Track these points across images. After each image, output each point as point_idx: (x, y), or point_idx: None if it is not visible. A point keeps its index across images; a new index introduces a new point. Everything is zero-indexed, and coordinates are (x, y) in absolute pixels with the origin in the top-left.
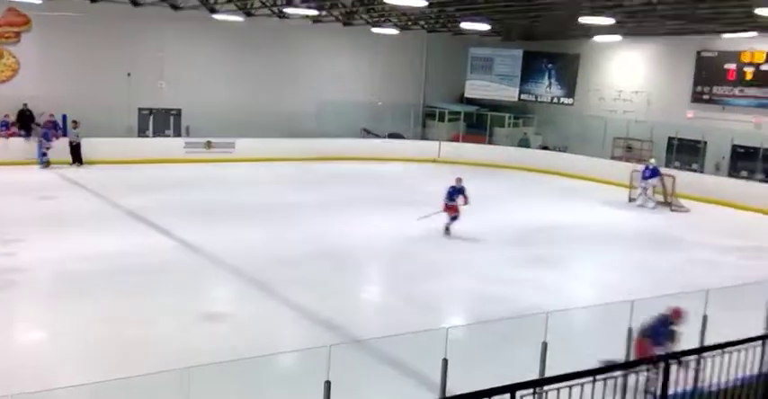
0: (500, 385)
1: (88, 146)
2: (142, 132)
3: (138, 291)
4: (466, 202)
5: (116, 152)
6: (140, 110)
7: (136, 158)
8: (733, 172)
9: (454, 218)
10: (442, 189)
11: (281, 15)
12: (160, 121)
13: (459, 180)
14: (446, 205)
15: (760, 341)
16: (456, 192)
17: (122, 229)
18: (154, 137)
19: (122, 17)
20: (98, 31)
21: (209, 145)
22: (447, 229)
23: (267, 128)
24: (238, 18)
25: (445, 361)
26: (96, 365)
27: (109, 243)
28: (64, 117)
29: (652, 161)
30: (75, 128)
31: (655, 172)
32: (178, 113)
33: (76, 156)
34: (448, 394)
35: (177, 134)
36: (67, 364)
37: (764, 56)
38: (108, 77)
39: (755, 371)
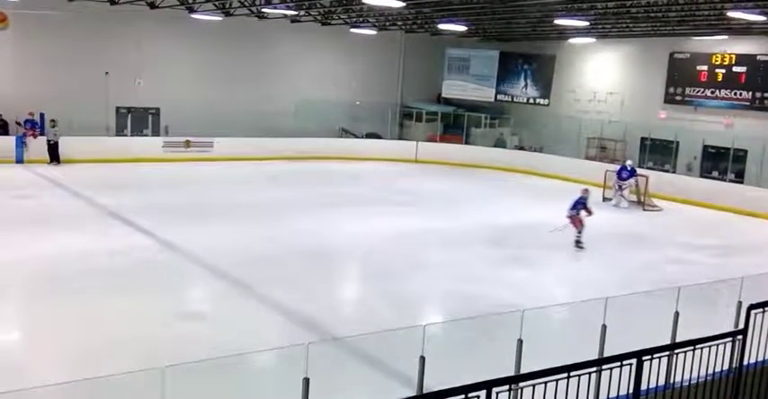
0: (476, 381)
1: (66, 145)
2: (120, 131)
3: (117, 290)
4: (589, 213)
5: (94, 151)
6: (118, 108)
7: (114, 157)
8: (704, 172)
9: (579, 230)
10: (421, 188)
11: (260, 15)
12: (138, 120)
13: (585, 191)
14: (570, 217)
15: (730, 338)
16: (578, 203)
17: (101, 228)
18: (132, 136)
19: (100, 15)
20: (76, 29)
21: (187, 144)
22: (577, 243)
23: (246, 128)
24: (217, 17)
25: (422, 358)
26: (74, 364)
27: (87, 243)
28: (42, 115)
29: (629, 163)
30: (53, 126)
31: (632, 173)
32: (156, 112)
33: (54, 155)
34: (425, 391)
35: (156, 133)
36: (44, 363)
37: (735, 58)
38: (86, 76)
39: (726, 367)
